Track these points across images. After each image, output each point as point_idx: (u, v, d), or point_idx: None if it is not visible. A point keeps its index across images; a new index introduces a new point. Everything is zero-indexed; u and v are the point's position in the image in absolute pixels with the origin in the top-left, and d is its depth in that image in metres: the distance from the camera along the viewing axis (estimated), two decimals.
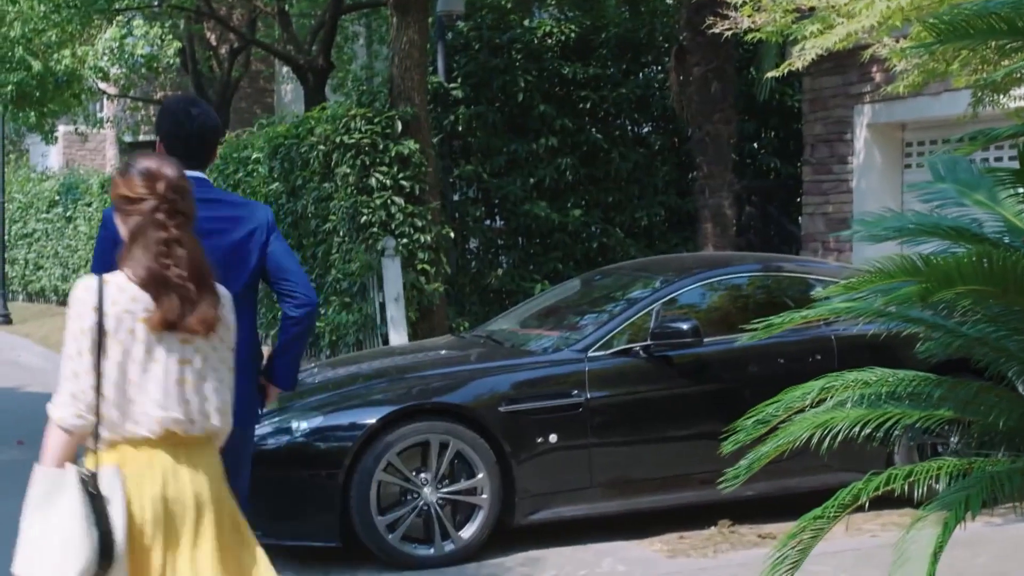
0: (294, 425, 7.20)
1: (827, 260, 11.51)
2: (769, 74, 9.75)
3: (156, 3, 20.82)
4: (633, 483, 7.53)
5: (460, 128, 14.09)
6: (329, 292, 13.74)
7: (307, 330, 5.25)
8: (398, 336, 12.10)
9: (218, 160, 18.05)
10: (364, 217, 12.43)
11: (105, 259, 4.30)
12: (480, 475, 7.14)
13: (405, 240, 12.33)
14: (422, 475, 7.12)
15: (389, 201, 12.34)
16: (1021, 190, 4.35)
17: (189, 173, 4.21)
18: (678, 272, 8.31)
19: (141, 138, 29.79)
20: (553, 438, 7.28)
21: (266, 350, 5.43)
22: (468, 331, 11.05)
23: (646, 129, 15.54)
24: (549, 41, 14.74)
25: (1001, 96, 7.47)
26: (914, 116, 11.80)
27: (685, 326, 7.50)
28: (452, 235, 13.35)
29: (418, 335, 12.15)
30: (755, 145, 15.63)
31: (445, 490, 7.13)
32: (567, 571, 6.93)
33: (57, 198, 28.37)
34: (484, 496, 7.16)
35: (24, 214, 30.26)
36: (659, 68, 15.53)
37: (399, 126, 12.37)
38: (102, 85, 25.39)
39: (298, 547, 7.22)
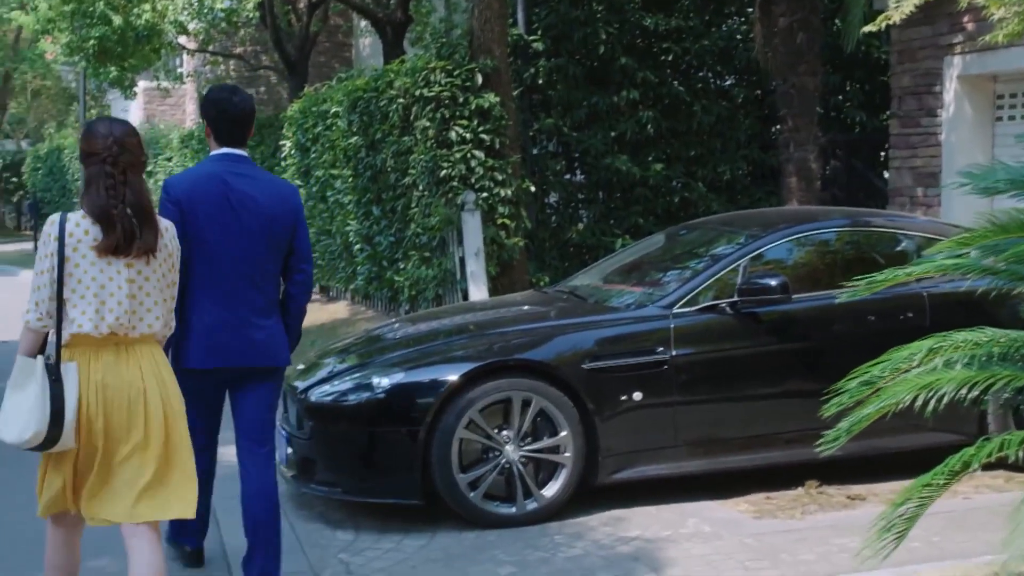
0: (375, 381, 7.12)
1: (915, 215, 11.25)
2: (865, 28, 9.48)
3: None
4: (718, 442, 7.38)
5: (540, 81, 13.90)
6: (408, 247, 13.67)
7: (305, 307, 6.28)
8: (478, 291, 12.00)
9: (297, 114, 18.07)
10: (444, 171, 12.32)
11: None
12: (563, 433, 7.03)
13: (485, 194, 12.21)
14: (504, 433, 7.02)
15: (469, 155, 12.21)
16: None
17: (233, 151, 5.95)
18: (764, 227, 8.12)
19: None
20: (637, 396, 7.15)
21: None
22: (549, 286, 10.94)
23: (729, 82, 15.26)
24: None
25: None
26: (1007, 67, 11.46)
27: (773, 282, 7.33)
28: (532, 189, 13.20)
29: (498, 290, 12.05)
30: (840, 98, 15.30)
31: (527, 448, 7.04)
32: (652, 531, 6.81)
33: None
34: (567, 454, 7.05)
35: None
36: (742, 19, 15.25)
37: (479, 79, 12.22)
38: (181, 40, 25.44)
39: (378, 504, 7.17)
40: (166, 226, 5.17)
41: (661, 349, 7.24)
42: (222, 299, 5.93)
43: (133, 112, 37.49)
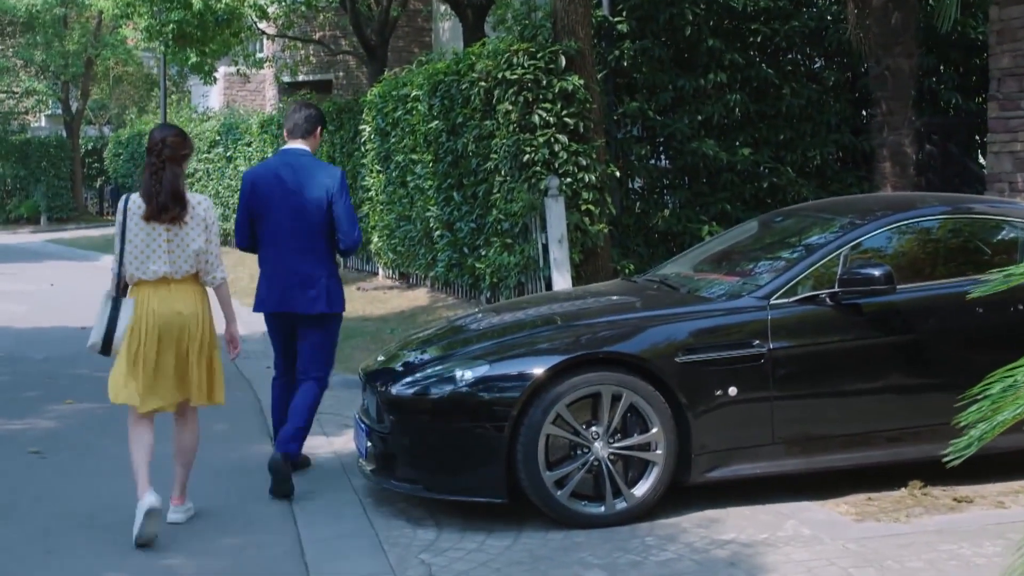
0: (458, 374, 6.85)
1: (1017, 200, 10.81)
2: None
3: None
4: (817, 440, 7.03)
5: (625, 63, 13.53)
6: (490, 233, 13.44)
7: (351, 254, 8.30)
8: (561, 278, 11.73)
9: (376, 98, 17.87)
10: (527, 155, 12.06)
11: (240, 210, 8.16)
12: (654, 429, 6.72)
13: (569, 179, 11.93)
14: (593, 429, 6.72)
15: (552, 139, 11.95)
16: None
17: (289, 147, 8.12)
18: (863, 214, 7.74)
19: (300, 78, 29.74)
20: (733, 391, 6.82)
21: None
22: (636, 274, 10.64)
23: (818, 64, 14.83)
24: None
25: None
26: None
27: (877, 272, 6.97)
28: (617, 174, 12.89)
29: (581, 278, 11.79)
30: (934, 80, 14.81)
31: (617, 445, 6.73)
32: (748, 534, 6.48)
33: (218, 138, 28.51)
34: (659, 452, 6.74)
35: None
36: (832, 0, 14.82)
37: (563, 61, 11.94)
38: (261, 25, 25.35)
39: (461, 502, 6.90)
40: (199, 200, 7.05)
41: (757, 342, 6.91)
42: (278, 258, 7.95)
43: (213, 97, 37.58)
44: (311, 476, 8.14)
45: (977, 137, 14.82)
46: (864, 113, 14.35)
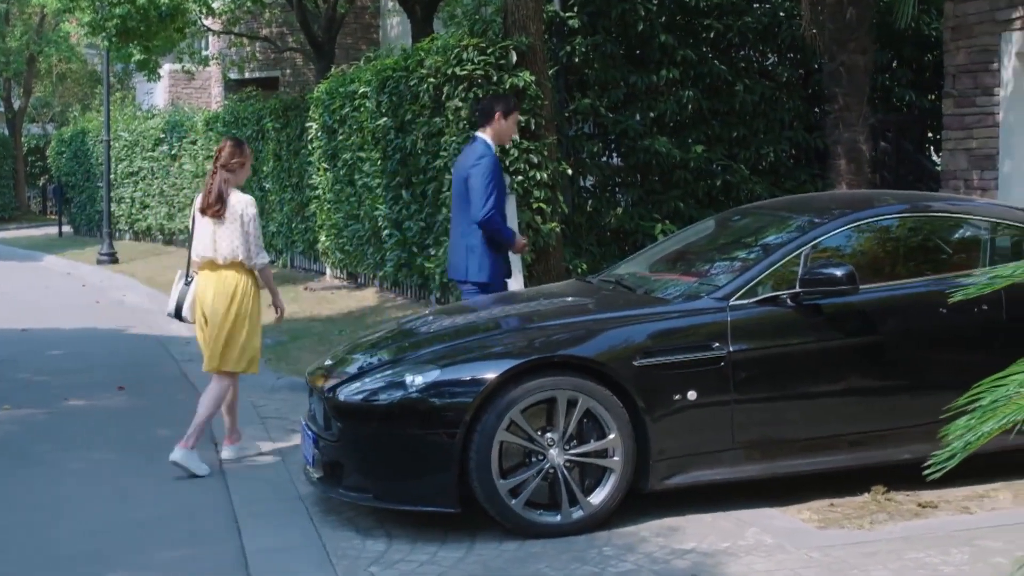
0: (408, 379, 6.60)
1: (974, 198, 10.68)
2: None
3: None
4: (779, 444, 6.84)
5: (577, 60, 13.32)
6: (439, 232, 13.21)
7: (493, 233, 8.93)
8: (513, 278, 11.48)
9: (323, 95, 17.60)
10: None
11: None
12: (612, 435, 6.50)
13: (520, 177, 11.70)
14: (548, 435, 6.49)
15: None
16: None
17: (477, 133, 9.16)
18: (821, 213, 7.57)
19: (247, 75, 29.39)
20: (692, 395, 6.61)
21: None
22: (589, 274, 10.45)
23: (771, 60, 14.66)
24: None
25: None
26: None
27: (839, 272, 6.78)
28: (569, 172, 12.68)
29: (533, 277, 11.56)
30: (887, 76, 14.69)
31: (573, 451, 6.51)
32: (708, 543, 6.28)
33: (162, 136, 28.11)
34: (616, 458, 6.52)
35: (130, 152, 30.06)
36: None
37: (513, 57, 11.71)
38: (207, 21, 24.99)
39: (412, 512, 6.66)
40: (238, 199, 8.37)
41: (717, 344, 6.71)
42: (452, 231, 9.29)
43: (158, 95, 37.13)
44: (257, 484, 7.89)
45: (931, 134, 14.74)
46: (817, 110, 14.20)
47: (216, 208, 8.31)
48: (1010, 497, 6.97)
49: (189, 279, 8.59)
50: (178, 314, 8.63)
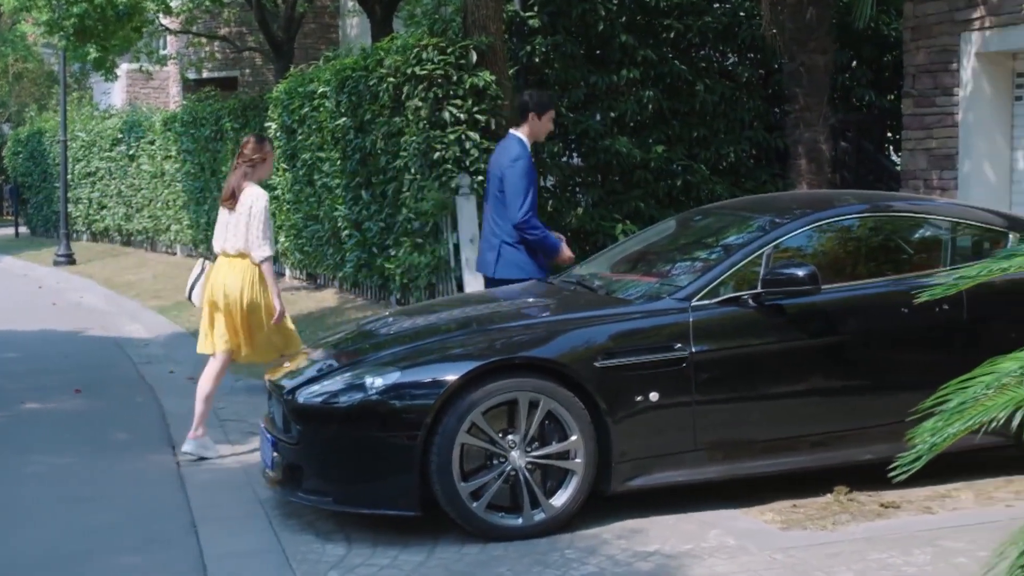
0: (368, 381, 6.53)
1: (935, 197, 10.71)
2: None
3: None
4: (741, 446, 6.81)
5: (537, 59, 13.29)
6: (400, 233, 13.16)
7: (528, 237, 8.88)
8: (473, 279, 11.45)
9: (282, 95, 17.50)
10: (437, 153, 11.79)
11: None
12: (573, 437, 6.46)
13: (480, 177, 11.65)
14: (509, 437, 6.44)
15: (463, 136, 11.70)
16: None
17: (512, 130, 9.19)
18: (783, 213, 7.55)
19: (205, 75, 29.22)
20: (654, 396, 6.57)
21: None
22: (552, 275, 10.40)
23: (732, 60, 14.67)
24: None
25: None
26: None
27: (801, 272, 6.76)
28: None
29: None
30: (847, 76, 14.71)
31: (535, 453, 6.45)
32: (671, 545, 6.24)
33: (120, 136, 27.90)
34: (578, 460, 6.48)
35: (87, 153, 29.84)
36: None
37: (474, 56, 11.68)
38: (165, 21, 24.83)
39: (372, 515, 6.59)
40: (249, 193, 8.64)
41: (679, 345, 6.67)
42: (483, 226, 9.30)
43: (116, 94, 36.86)
44: (215, 487, 7.80)
45: (891, 134, 14.78)
46: (777, 110, 14.22)
47: (230, 200, 8.70)
48: (972, 497, 6.97)
49: (205, 267, 9.04)
50: (189, 299, 9.20)
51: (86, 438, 9.39)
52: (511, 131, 9.12)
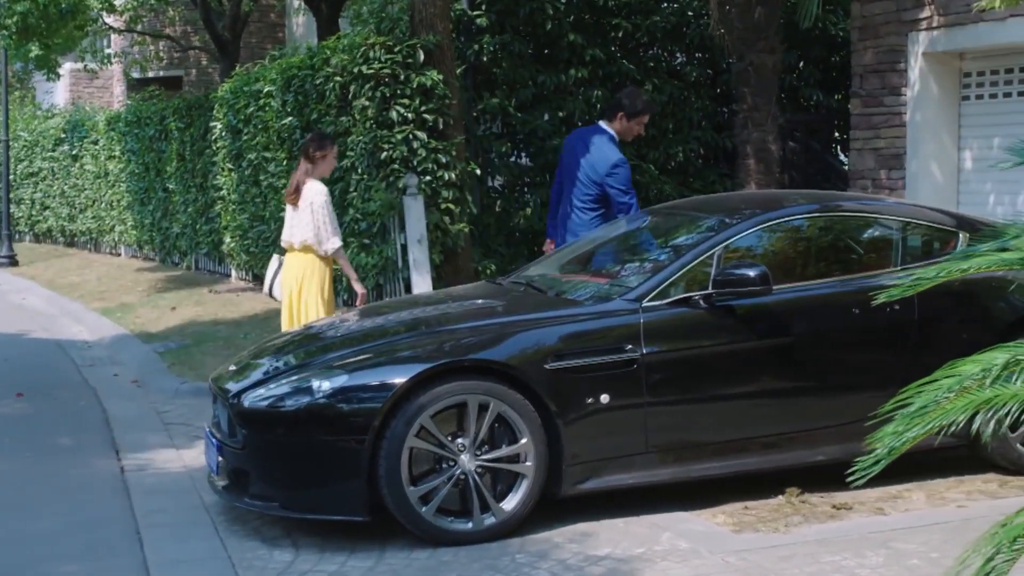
0: (315, 384, 6.44)
1: (884, 197, 10.71)
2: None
3: None
4: (692, 447, 6.77)
5: (485, 59, 13.20)
6: (347, 233, 13.00)
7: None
8: (421, 280, 11.37)
9: (228, 94, 17.32)
10: (384, 153, 11.66)
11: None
12: (523, 440, 6.39)
13: (428, 177, 11.56)
14: (459, 440, 6.36)
15: (411, 136, 11.57)
16: None
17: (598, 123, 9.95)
18: (733, 213, 7.51)
19: (150, 74, 28.95)
20: (605, 398, 6.52)
21: None
22: (498, 275, 10.35)
23: (680, 60, 14.63)
24: None
25: None
26: (976, 44, 10.95)
27: (752, 273, 6.72)
28: (477, 172, 12.56)
29: (442, 279, 11.44)
30: (794, 76, 14.72)
31: (485, 457, 6.38)
32: (623, 548, 6.18)
33: (63, 136, 27.57)
34: (528, 463, 6.41)
35: (30, 153, 29.47)
36: None
37: (421, 56, 11.56)
38: (109, 19, 24.57)
39: (320, 521, 6.50)
40: (310, 187, 9.27)
41: (630, 346, 6.61)
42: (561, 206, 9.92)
43: (59, 94, 36.44)
44: (159, 493, 7.67)
45: (839, 134, 14.79)
46: (726, 110, 14.20)
47: (292, 196, 9.33)
48: (923, 497, 6.96)
49: (281, 262, 9.63)
50: (269, 293, 9.82)
51: (27, 443, 9.21)
52: (601, 123, 9.74)
